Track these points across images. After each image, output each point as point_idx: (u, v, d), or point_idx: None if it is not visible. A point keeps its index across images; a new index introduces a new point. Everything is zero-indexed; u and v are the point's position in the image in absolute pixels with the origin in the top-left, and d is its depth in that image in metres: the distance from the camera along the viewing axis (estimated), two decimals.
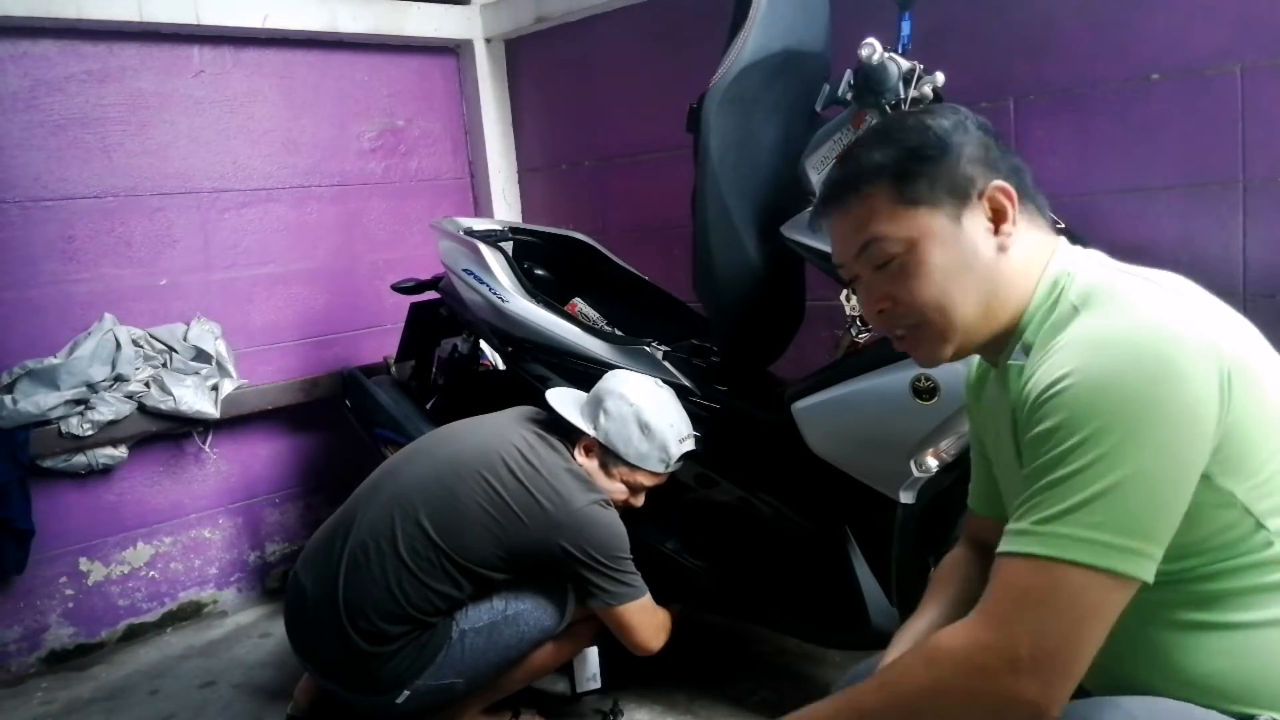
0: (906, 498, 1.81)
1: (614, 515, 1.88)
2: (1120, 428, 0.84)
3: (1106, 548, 0.83)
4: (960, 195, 0.99)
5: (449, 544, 1.79)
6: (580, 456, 1.92)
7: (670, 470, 1.96)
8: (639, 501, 1.98)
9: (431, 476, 1.84)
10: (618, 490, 1.93)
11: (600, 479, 1.91)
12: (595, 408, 1.92)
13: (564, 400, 1.96)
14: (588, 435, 1.91)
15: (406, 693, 1.84)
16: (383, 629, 1.78)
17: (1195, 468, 0.85)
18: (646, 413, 1.89)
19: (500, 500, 1.80)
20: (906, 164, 1.00)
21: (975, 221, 0.99)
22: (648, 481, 1.95)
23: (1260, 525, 0.89)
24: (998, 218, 0.99)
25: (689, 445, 1.95)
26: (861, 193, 1.01)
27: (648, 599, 1.89)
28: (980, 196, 0.99)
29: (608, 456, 1.91)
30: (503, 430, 1.92)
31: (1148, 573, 0.84)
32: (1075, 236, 1.68)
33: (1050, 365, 0.89)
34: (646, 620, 1.89)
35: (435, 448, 1.93)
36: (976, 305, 1.00)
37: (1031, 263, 1.00)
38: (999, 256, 0.99)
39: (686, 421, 1.96)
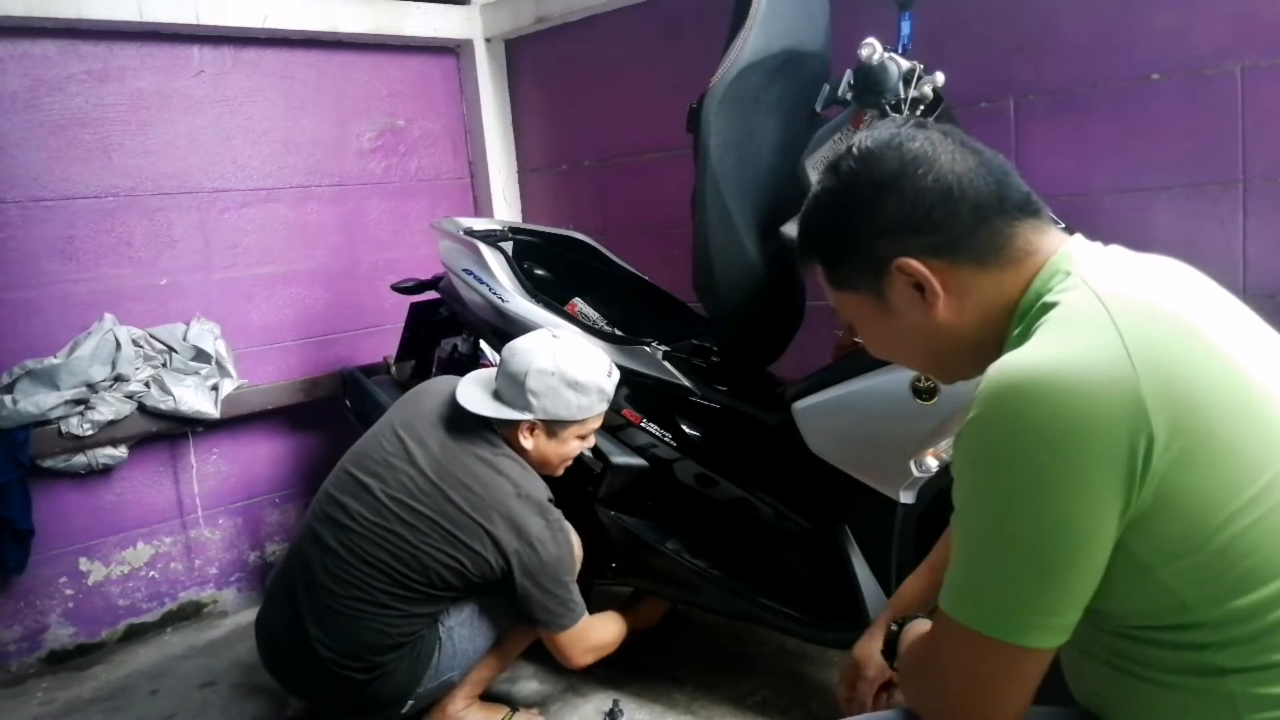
0: (906, 498, 1.81)
1: (564, 539, 1.88)
2: (986, 491, 0.83)
3: (988, 613, 0.83)
4: (877, 274, 0.96)
5: (418, 582, 1.81)
6: (525, 440, 1.89)
7: (609, 403, 1.96)
8: (592, 441, 2.00)
9: (382, 524, 1.82)
10: (572, 449, 1.94)
11: (554, 449, 1.91)
12: (520, 393, 1.85)
13: (482, 399, 1.90)
14: (527, 420, 1.88)
15: (411, 701, 1.88)
16: (376, 660, 1.81)
17: (1080, 537, 0.79)
18: (570, 371, 1.86)
19: (455, 539, 1.81)
20: (826, 253, 1.02)
21: (899, 292, 0.96)
22: (596, 424, 1.96)
23: (1187, 614, 0.81)
24: (919, 286, 0.94)
25: (616, 374, 1.95)
26: (808, 268, 1.05)
27: (581, 623, 1.90)
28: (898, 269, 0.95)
29: (554, 426, 1.89)
30: (437, 455, 1.86)
31: (1041, 641, 0.82)
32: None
33: None
34: (573, 644, 1.91)
35: (376, 484, 1.85)
36: (925, 360, 1.03)
37: (998, 296, 0.94)
38: (933, 317, 0.95)
39: (601, 353, 1.95)
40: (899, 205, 0.93)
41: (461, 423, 1.90)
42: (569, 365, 1.86)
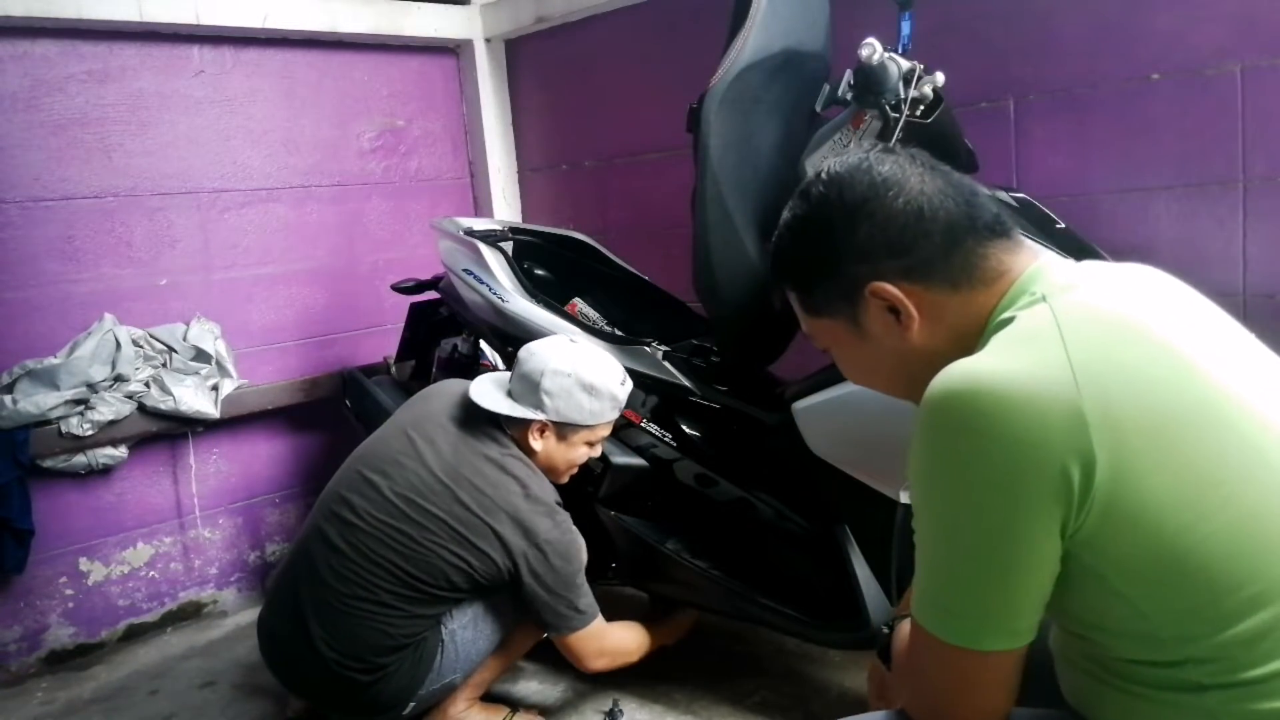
0: (906, 498, 1.81)
1: (572, 539, 1.89)
2: (931, 499, 0.84)
3: (946, 619, 0.84)
4: (851, 298, 0.97)
5: (423, 582, 1.80)
6: (535, 441, 1.90)
7: (620, 412, 1.97)
8: (599, 450, 2.00)
9: (383, 520, 1.81)
10: (580, 454, 1.94)
11: (562, 452, 1.92)
12: (533, 392, 1.87)
13: (496, 396, 1.91)
14: (538, 420, 1.88)
15: (412, 703, 1.88)
16: (378, 661, 1.81)
17: (1019, 545, 0.79)
18: (585, 374, 1.87)
19: (462, 538, 1.80)
20: (800, 279, 1.02)
21: (874, 318, 0.96)
22: (605, 432, 1.96)
23: (1146, 622, 0.81)
24: (894, 310, 0.95)
25: (629, 384, 1.96)
26: (785, 291, 1.06)
27: (593, 626, 1.90)
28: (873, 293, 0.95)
29: (564, 429, 1.90)
30: (446, 454, 1.86)
31: (999, 645, 0.83)
32: (1075, 237, 1.68)
33: None
34: (585, 647, 1.90)
35: (380, 481, 1.85)
36: (901, 385, 1.00)
37: (970, 317, 0.94)
38: (910, 341, 0.95)
39: (616, 362, 1.97)
40: (870, 229, 0.93)
41: (471, 423, 1.91)
42: (585, 369, 1.87)
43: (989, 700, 0.86)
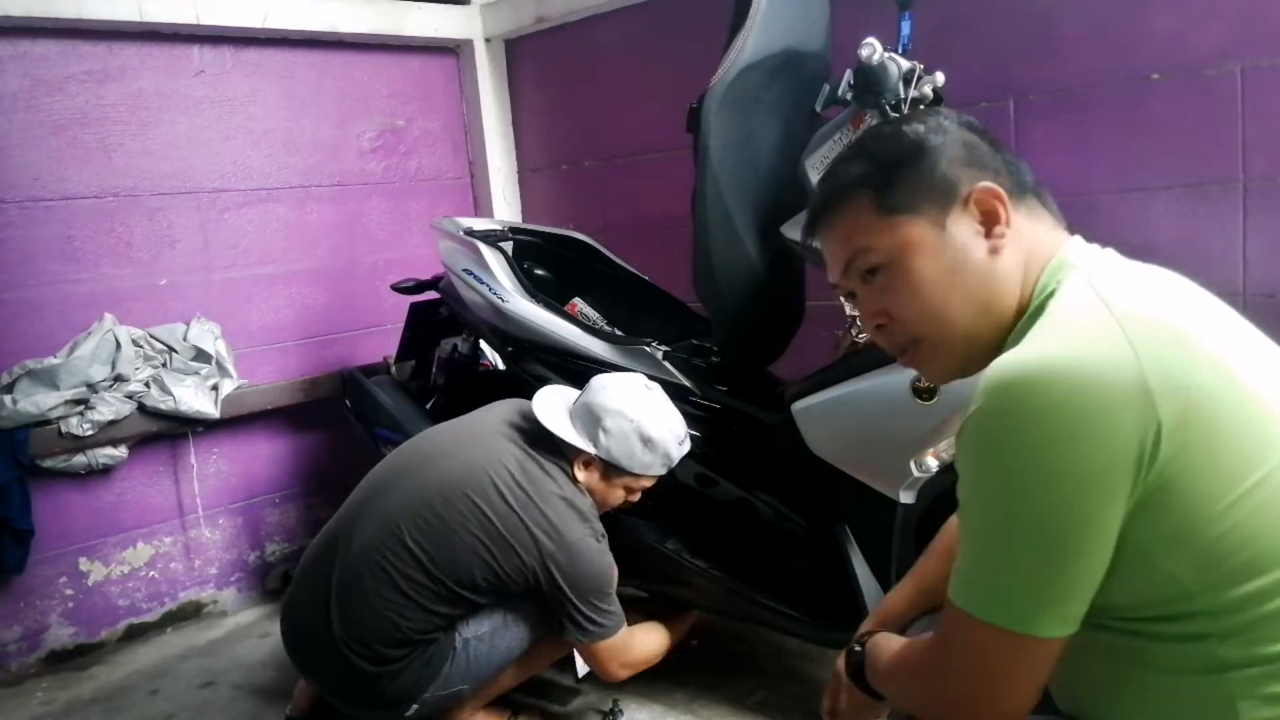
0: (906, 498, 1.81)
1: (604, 549, 1.88)
2: (992, 484, 0.83)
3: (999, 603, 0.83)
4: (943, 200, 0.94)
5: (445, 573, 1.79)
6: (579, 471, 1.89)
7: (669, 470, 1.96)
8: (636, 498, 1.99)
9: (420, 501, 1.81)
10: (617, 497, 1.94)
11: (600, 490, 1.91)
12: (593, 425, 1.87)
13: (556, 413, 1.91)
14: (589, 453, 1.88)
15: (415, 706, 1.87)
16: (385, 653, 1.80)
17: (1089, 526, 0.80)
18: (648, 427, 1.86)
19: (492, 527, 1.79)
20: (883, 173, 0.97)
21: (962, 225, 0.94)
22: (649, 484, 1.95)
23: (1190, 602, 0.82)
24: (988, 220, 0.94)
25: (687, 446, 1.95)
26: (843, 205, 0.99)
27: (619, 635, 1.89)
28: (967, 200, 0.94)
29: (610, 470, 1.89)
30: (492, 448, 1.87)
31: (1051, 630, 0.82)
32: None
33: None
34: (611, 656, 1.90)
35: (421, 467, 1.88)
36: (973, 313, 0.94)
37: (1031, 265, 0.94)
38: (992, 260, 0.94)
39: (682, 421, 1.95)
40: (961, 148, 0.96)
41: (526, 431, 1.92)
42: (649, 421, 1.87)
43: (1025, 691, 0.85)
